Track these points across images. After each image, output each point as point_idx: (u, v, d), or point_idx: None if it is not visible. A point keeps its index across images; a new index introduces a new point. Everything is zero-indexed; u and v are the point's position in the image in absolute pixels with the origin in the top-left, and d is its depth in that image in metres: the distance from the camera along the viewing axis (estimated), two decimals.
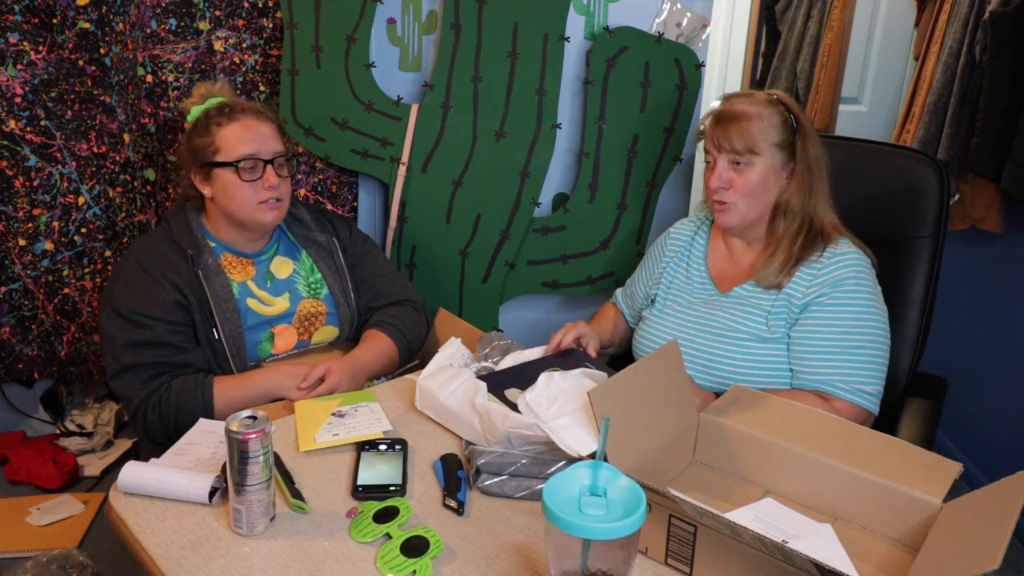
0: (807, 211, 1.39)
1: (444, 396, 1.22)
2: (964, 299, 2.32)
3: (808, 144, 1.38)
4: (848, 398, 1.31)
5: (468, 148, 1.92)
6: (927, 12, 2.43)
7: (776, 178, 1.39)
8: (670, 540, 0.91)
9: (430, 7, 1.88)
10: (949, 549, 0.85)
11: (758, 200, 1.39)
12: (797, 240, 1.37)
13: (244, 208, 1.45)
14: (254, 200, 1.44)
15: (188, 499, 1.03)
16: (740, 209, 1.39)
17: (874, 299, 1.36)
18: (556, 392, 1.15)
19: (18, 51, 1.82)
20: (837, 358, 1.32)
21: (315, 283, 1.56)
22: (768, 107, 1.37)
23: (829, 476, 1.02)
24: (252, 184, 1.43)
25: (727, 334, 1.38)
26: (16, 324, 2.03)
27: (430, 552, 0.93)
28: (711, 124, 1.40)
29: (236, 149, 1.43)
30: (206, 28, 1.86)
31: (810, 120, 1.41)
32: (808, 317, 1.34)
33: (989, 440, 2.22)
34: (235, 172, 1.42)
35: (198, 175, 1.46)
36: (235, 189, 1.43)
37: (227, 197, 1.44)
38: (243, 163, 1.42)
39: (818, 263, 1.36)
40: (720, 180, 1.38)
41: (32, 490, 2.11)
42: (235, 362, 1.44)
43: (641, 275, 1.63)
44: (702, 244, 1.54)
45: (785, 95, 1.41)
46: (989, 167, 2.02)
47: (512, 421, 1.09)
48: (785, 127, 1.37)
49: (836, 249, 1.37)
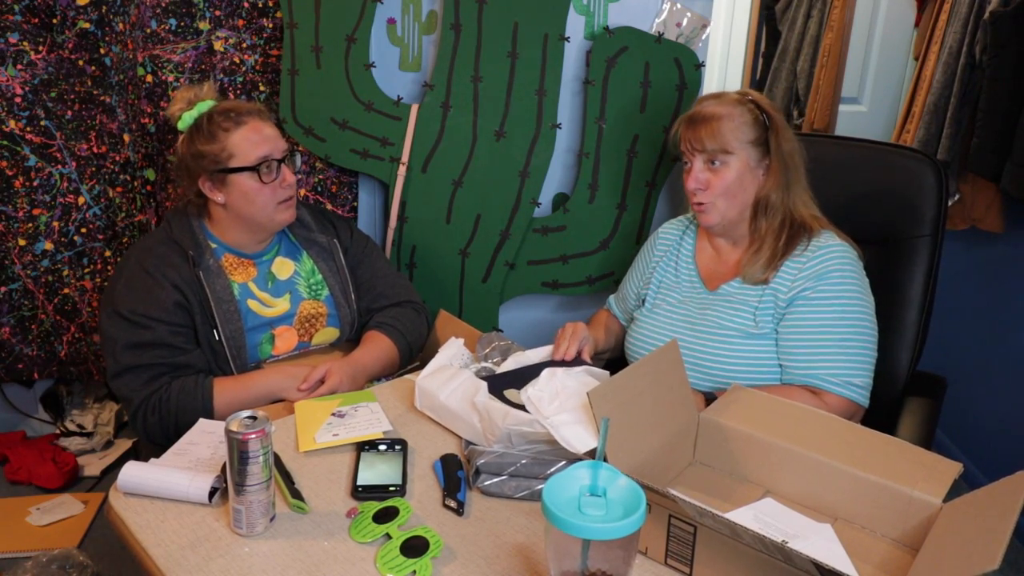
0: (786, 206, 1.40)
1: (444, 396, 1.22)
2: (964, 299, 2.32)
3: (781, 139, 1.38)
4: (838, 392, 1.31)
5: (468, 148, 1.92)
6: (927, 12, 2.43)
7: (752, 175, 1.40)
8: (670, 540, 0.91)
9: (430, 7, 1.88)
10: (949, 549, 0.85)
11: (736, 198, 1.40)
12: (781, 236, 1.39)
13: (264, 210, 1.45)
14: (273, 201, 1.45)
15: (188, 499, 1.03)
16: (719, 208, 1.41)
17: (860, 291, 1.36)
18: (558, 388, 1.15)
19: (18, 51, 1.82)
20: (825, 352, 1.32)
21: (316, 284, 1.56)
22: (737, 106, 1.38)
23: (829, 476, 1.02)
24: (271, 185, 1.43)
25: (716, 332, 1.39)
26: (16, 324, 2.03)
27: (430, 552, 0.93)
28: (684, 127, 1.42)
29: (252, 152, 1.42)
30: (206, 28, 1.86)
31: (783, 115, 1.42)
32: (794, 311, 1.35)
33: (989, 440, 2.22)
34: (254, 175, 1.42)
35: (208, 182, 1.44)
36: (255, 193, 1.43)
37: (246, 201, 1.44)
38: (263, 166, 1.42)
39: (802, 257, 1.37)
40: (697, 182, 1.40)
41: (32, 490, 2.11)
42: (235, 363, 1.44)
43: (632, 277, 1.63)
44: (690, 243, 1.55)
45: (757, 93, 1.43)
46: (989, 167, 2.02)
47: (512, 418, 1.09)
48: (757, 124, 1.38)
49: (820, 242, 1.37)
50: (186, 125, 1.46)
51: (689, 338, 1.41)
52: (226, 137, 1.42)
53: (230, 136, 1.42)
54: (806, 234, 1.38)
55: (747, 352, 1.37)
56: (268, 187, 1.43)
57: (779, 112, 1.42)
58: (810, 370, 1.33)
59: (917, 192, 1.47)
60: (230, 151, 1.42)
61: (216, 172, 1.43)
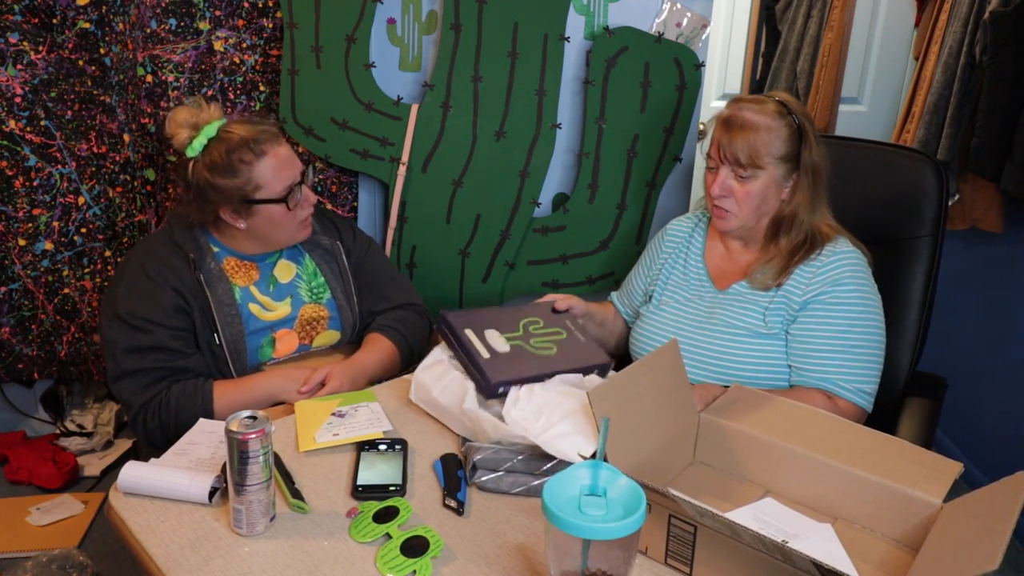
0: (811, 224, 1.39)
1: (437, 392, 1.22)
2: (964, 299, 2.32)
3: (813, 151, 1.37)
4: (850, 398, 1.32)
5: (468, 148, 1.92)
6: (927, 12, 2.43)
7: (777, 190, 1.39)
8: (670, 540, 0.91)
9: (430, 7, 1.88)
10: (949, 549, 0.85)
11: (757, 210, 1.40)
12: (798, 252, 1.38)
13: (288, 233, 1.47)
14: (296, 222, 1.46)
15: (188, 499, 1.03)
16: (740, 217, 1.40)
17: (872, 297, 1.37)
18: (540, 405, 1.13)
19: (18, 51, 1.82)
20: (839, 357, 1.32)
21: (317, 287, 1.56)
22: (777, 119, 1.35)
23: (829, 476, 1.02)
24: (295, 209, 1.45)
25: (725, 330, 1.39)
26: (16, 324, 2.03)
27: (430, 552, 0.93)
28: (718, 129, 1.39)
29: (279, 183, 1.41)
30: (206, 28, 1.86)
31: (811, 119, 1.41)
32: (809, 315, 1.35)
33: (989, 440, 2.22)
34: (283, 205, 1.42)
35: (230, 212, 1.42)
36: (281, 219, 1.44)
37: (271, 226, 1.45)
38: (290, 195, 1.43)
39: (817, 261, 1.37)
40: (721, 188, 1.39)
41: (32, 490, 2.11)
42: (235, 367, 1.44)
43: (638, 271, 1.63)
44: (700, 241, 1.54)
45: (791, 99, 1.40)
46: (989, 167, 2.02)
47: (502, 432, 1.09)
48: (791, 140, 1.36)
49: (835, 247, 1.38)
50: (196, 152, 1.40)
51: (697, 336, 1.41)
52: (249, 170, 1.39)
53: (253, 169, 1.40)
54: (821, 241, 1.38)
55: (755, 351, 1.37)
56: (293, 211, 1.44)
57: (812, 122, 1.40)
58: (823, 374, 1.33)
59: (917, 192, 1.47)
60: (256, 183, 1.40)
61: (241, 203, 1.41)
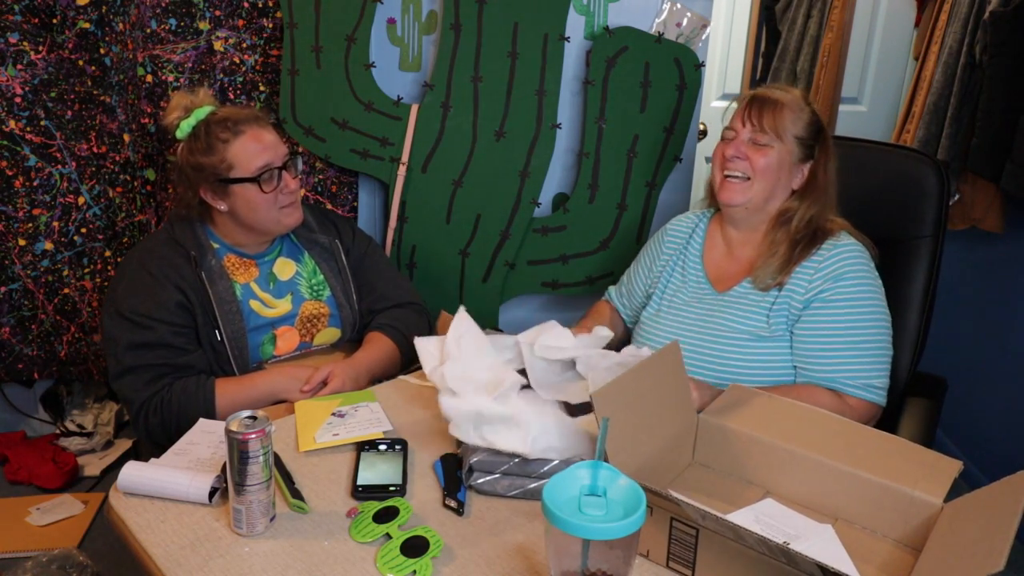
0: (815, 218, 1.40)
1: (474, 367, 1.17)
2: (964, 299, 2.32)
3: (829, 160, 1.41)
4: (860, 395, 1.31)
5: (468, 148, 1.92)
6: (927, 12, 2.43)
7: (789, 171, 1.40)
8: (672, 543, 0.91)
9: (430, 7, 1.88)
10: (952, 550, 0.85)
11: (767, 182, 1.39)
12: (798, 245, 1.38)
13: (268, 217, 1.46)
14: (276, 207, 1.46)
15: (188, 499, 1.03)
16: (753, 188, 1.39)
17: (875, 290, 1.36)
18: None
19: (18, 51, 1.82)
20: (845, 354, 1.32)
21: (317, 285, 1.56)
22: (803, 104, 1.42)
23: (829, 476, 1.02)
24: (272, 193, 1.44)
25: (727, 334, 1.38)
26: (16, 324, 2.03)
27: (430, 552, 0.93)
28: (744, 103, 1.43)
29: (252, 163, 1.42)
30: (206, 28, 1.86)
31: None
32: (812, 313, 1.34)
33: (989, 440, 2.22)
34: (256, 185, 1.42)
35: (210, 192, 1.44)
36: (257, 201, 1.43)
37: (249, 209, 1.44)
38: (263, 176, 1.42)
39: (818, 256, 1.36)
40: (737, 150, 1.40)
41: (32, 490, 2.11)
42: (237, 364, 1.44)
43: (639, 270, 1.62)
44: (699, 241, 1.54)
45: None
46: (989, 167, 2.02)
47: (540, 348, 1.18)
48: (810, 127, 1.41)
49: (837, 241, 1.37)
50: (184, 133, 1.44)
51: (699, 341, 1.40)
52: (225, 148, 1.41)
53: (229, 147, 1.41)
54: (823, 237, 1.39)
55: (758, 355, 1.36)
56: (270, 195, 1.44)
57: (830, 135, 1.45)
58: (830, 373, 1.32)
59: (918, 192, 1.47)
60: (229, 162, 1.41)
61: (217, 182, 1.42)
